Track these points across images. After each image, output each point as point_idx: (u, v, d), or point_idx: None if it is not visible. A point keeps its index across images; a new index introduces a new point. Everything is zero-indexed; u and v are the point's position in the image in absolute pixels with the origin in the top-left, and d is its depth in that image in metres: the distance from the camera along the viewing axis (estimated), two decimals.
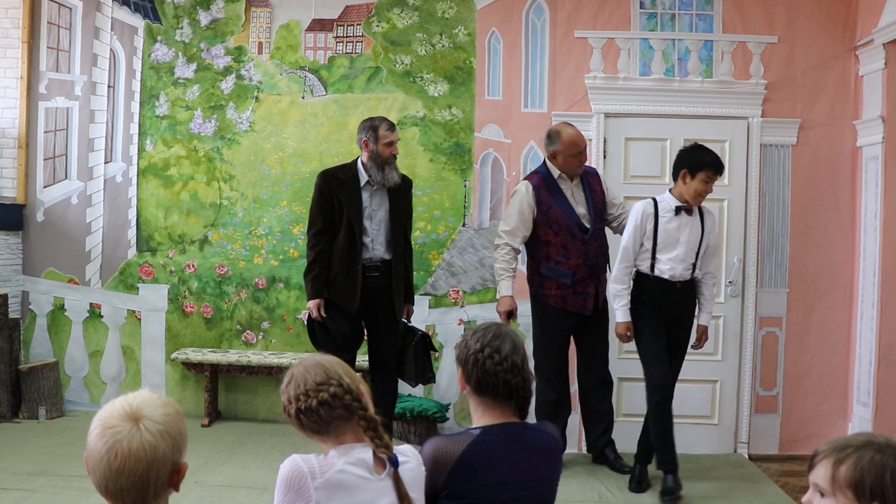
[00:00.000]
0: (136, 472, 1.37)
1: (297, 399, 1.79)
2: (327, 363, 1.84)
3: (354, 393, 1.80)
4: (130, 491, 1.38)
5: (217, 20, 5.17)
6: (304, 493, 1.70)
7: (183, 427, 1.47)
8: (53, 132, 5.22)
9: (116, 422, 1.40)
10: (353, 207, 4.06)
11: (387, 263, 4.13)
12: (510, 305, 4.15)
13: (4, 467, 4.03)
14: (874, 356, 4.59)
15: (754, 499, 3.92)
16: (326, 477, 1.71)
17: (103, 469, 1.38)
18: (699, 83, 4.93)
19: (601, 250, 4.20)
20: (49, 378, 5.03)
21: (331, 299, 4.08)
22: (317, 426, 1.79)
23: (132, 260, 5.21)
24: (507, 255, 4.17)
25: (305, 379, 1.80)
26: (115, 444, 1.37)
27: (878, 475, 1.38)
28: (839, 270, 4.89)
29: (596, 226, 4.17)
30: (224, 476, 4.01)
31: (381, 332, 4.19)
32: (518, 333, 2.03)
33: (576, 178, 4.19)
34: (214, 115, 5.17)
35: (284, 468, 1.74)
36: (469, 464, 1.89)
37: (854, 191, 4.87)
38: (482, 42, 5.05)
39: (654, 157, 4.85)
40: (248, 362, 4.90)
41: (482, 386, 1.95)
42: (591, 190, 4.20)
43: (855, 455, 1.41)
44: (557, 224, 4.11)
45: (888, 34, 4.47)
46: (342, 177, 4.11)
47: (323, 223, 4.09)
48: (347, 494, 1.72)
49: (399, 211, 4.16)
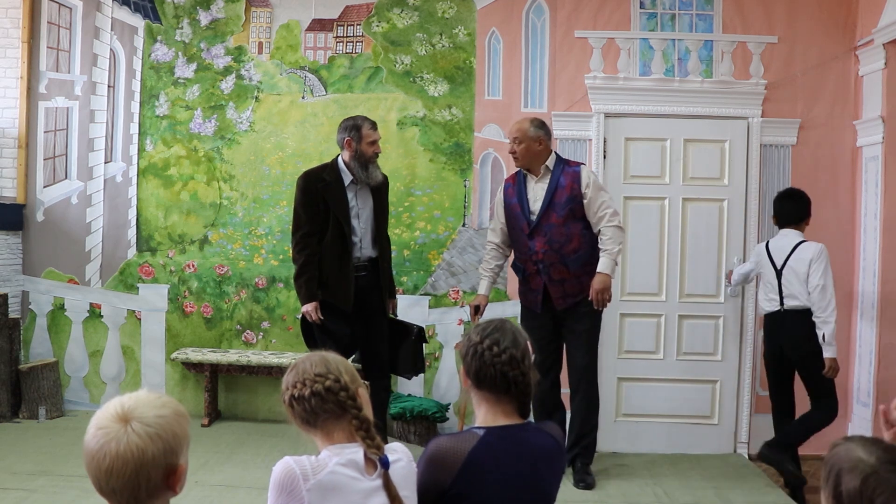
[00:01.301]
0: (125, 474, 1.38)
1: (294, 386, 1.82)
2: (331, 359, 1.86)
3: (350, 391, 1.81)
4: (123, 491, 1.39)
5: (217, 20, 5.17)
6: (296, 494, 1.70)
7: (179, 429, 1.45)
8: (53, 132, 5.22)
9: (107, 422, 1.41)
10: (341, 207, 4.05)
11: (373, 261, 4.15)
12: (478, 301, 4.21)
13: (4, 467, 4.02)
14: (874, 356, 4.59)
15: (754, 499, 3.92)
16: (318, 478, 1.72)
17: (94, 469, 1.40)
18: (699, 83, 4.93)
19: (553, 246, 3.99)
20: (49, 378, 5.03)
21: (325, 301, 4.06)
22: (306, 416, 1.81)
23: (132, 260, 5.21)
24: (489, 253, 4.24)
25: (305, 368, 1.83)
26: (104, 445, 1.38)
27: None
28: (839, 270, 4.87)
29: (551, 221, 4.00)
30: (224, 476, 4.00)
31: (373, 328, 4.19)
32: (522, 330, 2.03)
33: (544, 174, 4.07)
34: (214, 115, 5.17)
35: (277, 470, 1.75)
36: (477, 464, 1.89)
37: (854, 191, 4.87)
38: (482, 42, 5.05)
39: (654, 158, 4.85)
40: (248, 362, 4.90)
41: (480, 378, 1.96)
42: (559, 186, 4.02)
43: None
44: (512, 220, 4.13)
45: (888, 34, 4.47)
46: (327, 177, 4.08)
47: (310, 225, 4.05)
48: (339, 496, 1.72)
49: (382, 208, 4.20)
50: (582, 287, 4.01)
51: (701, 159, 4.84)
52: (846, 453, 1.43)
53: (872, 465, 1.39)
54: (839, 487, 1.40)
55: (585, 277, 4.01)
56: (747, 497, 3.93)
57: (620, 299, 4.86)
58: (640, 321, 4.86)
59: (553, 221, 4.00)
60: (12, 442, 4.48)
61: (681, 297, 4.83)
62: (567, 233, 3.99)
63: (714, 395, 4.83)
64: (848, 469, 1.40)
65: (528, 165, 4.08)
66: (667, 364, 4.83)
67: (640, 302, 4.86)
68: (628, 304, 4.87)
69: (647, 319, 4.86)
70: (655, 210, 4.84)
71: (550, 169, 4.06)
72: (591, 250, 4.04)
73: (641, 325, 4.86)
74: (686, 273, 4.83)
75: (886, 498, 1.37)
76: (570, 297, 4.03)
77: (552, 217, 4.00)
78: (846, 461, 1.41)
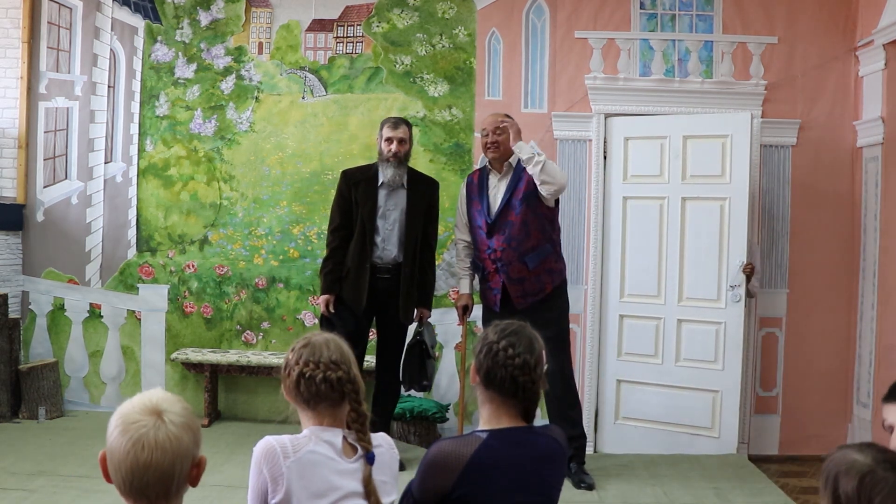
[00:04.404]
0: (163, 465, 1.39)
1: (307, 364, 1.85)
2: (345, 348, 1.90)
3: (356, 383, 1.86)
4: (156, 485, 1.40)
5: (217, 20, 5.17)
6: (276, 470, 1.78)
7: (198, 422, 1.51)
8: (53, 132, 5.22)
9: (139, 416, 1.41)
10: (367, 206, 4.10)
11: (399, 265, 4.13)
12: (464, 301, 4.21)
13: (4, 467, 4.02)
14: (874, 357, 4.59)
15: (754, 499, 3.91)
16: (298, 456, 1.79)
17: (130, 464, 1.39)
18: (699, 84, 4.93)
19: (511, 244, 3.96)
20: (49, 378, 5.03)
21: (341, 296, 4.11)
22: (308, 396, 1.85)
23: (132, 260, 5.21)
24: (462, 251, 4.24)
25: (321, 352, 1.86)
26: (141, 437, 1.39)
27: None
28: (839, 271, 4.89)
29: (509, 219, 3.97)
30: (224, 476, 4.00)
31: (387, 333, 4.22)
32: (539, 338, 2.02)
33: (507, 172, 4.05)
34: (214, 116, 5.17)
35: (258, 448, 1.83)
36: (479, 467, 1.88)
37: (854, 191, 4.86)
38: (482, 42, 5.05)
39: (654, 158, 4.80)
40: (247, 362, 4.90)
41: (490, 377, 1.95)
42: (519, 182, 3.98)
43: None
44: (472, 217, 4.13)
45: (888, 35, 4.47)
46: (360, 176, 4.17)
47: (340, 221, 4.16)
48: (317, 474, 1.79)
49: (415, 212, 4.15)
50: (542, 286, 4.00)
51: (701, 156, 4.66)
52: (841, 458, 1.44)
53: (868, 465, 1.41)
54: (837, 491, 1.41)
55: (545, 276, 4.00)
56: (747, 497, 3.93)
57: (620, 300, 4.85)
58: (639, 323, 4.81)
59: (511, 219, 3.98)
60: (12, 442, 4.48)
61: (680, 301, 4.71)
62: (525, 231, 3.97)
63: (714, 405, 4.62)
64: (844, 471, 1.41)
65: (502, 159, 4.06)
66: (666, 369, 4.73)
67: (639, 304, 4.81)
68: (627, 305, 4.85)
69: (645, 322, 4.79)
70: (655, 210, 4.78)
71: (513, 167, 4.05)
72: (550, 248, 4.02)
73: (640, 328, 4.80)
74: (685, 276, 4.70)
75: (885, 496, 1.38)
76: (531, 297, 4.00)
77: (511, 215, 3.99)
78: (842, 464, 1.43)
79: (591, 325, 4.91)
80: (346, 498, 1.80)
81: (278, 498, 1.78)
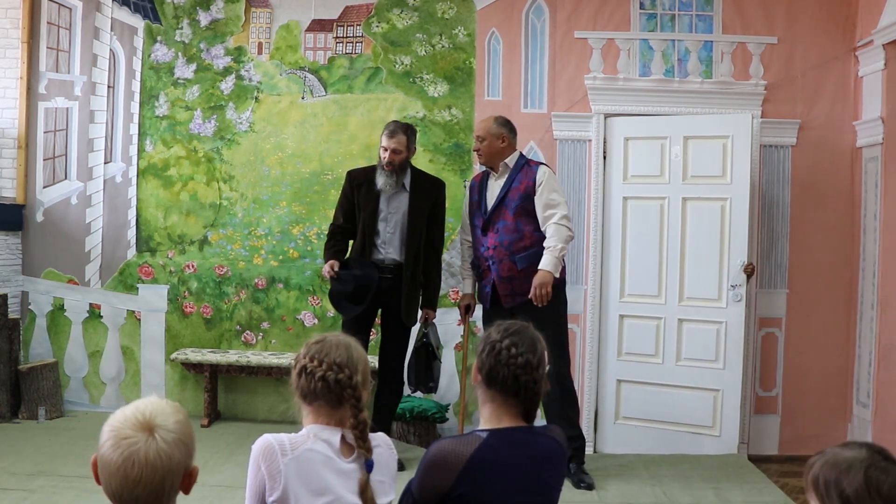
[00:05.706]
0: (153, 482, 1.38)
1: (311, 360, 1.88)
2: (356, 353, 1.92)
3: (357, 390, 1.87)
4: (146, 499, 1.40)
5: (217, 20, 5.17)
6: (274, 467, 1.81)
7: (192, 432, 1.49)
8: (53, 132, 5.22)
9: (130, 432, 1.40)
10: (367, 209, 4.14)
11: (401, 266, 4.15)
12: (466, 301, 4.28)
13: (4, 467, 4.02)
14: (874, 357, 4.59)
15: (754, 499, 3.91)
16: (295, 454, 1.82)
17: (119, 479, 1.38)
18: (699, 84, 4.93)
19: (503, 243, 4.01)
20: (49, 378, 5.03)
21: (346, 262, 4.13)
22: (306, 391, 1.89)
23: (132, 260, 5.21)
24: (466, 251, 4.30)
25: (330, 351, 1.89)
26: (131, 455, 1.38)
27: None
28: (839, 270, 4.89)
29: (503, 217, 4.02)
30: (224, 476, 4.00)
31: (389, 332, 4.23)
32: (542, 339, 2.02)
33: (503, 172, 4.11)
34: (214, 116, 5.17)
35: (256, 445, 1.86)
36: (479, 467, 1.88)
37: (854, 191, 4.86)
38: (482, 42, 5.05)
39: (654, 158, 4.80)
40: (247, 363, 4.89)
41: (492, 376, 1.95)
42: (514, 183, 4.04)
43: None
44: (471, 215, 4.21)
45: (888, 35, 4.47)
46: (363, 178, 4.20)
47: (342, 220, 4.23)
48: (314, 472, 1.81)
49: (418, 215, 4.16)
50: (532, 287, 4.01)
51: (701, 156, 4.67)
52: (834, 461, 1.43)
53: (867, 458, 1.41)
54: (844, 493, 1.39)
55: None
56: (747, 497, 3.93)
57: (620, 300, 4.85)
58: (639, 323, 4.81)
59: (505, 218, 4.04)
60: (12, 442, 4.48)
61: (680, 301, 4.72)
62: (518, 230, 4.01)
63: (716, 404, 4.63)
64: (845, 472, 1.40)
65: (490, 163, 4.12)
66: (666, 369, 4.73)
67: (639, 304, 4.82)
68: (627, 305, 4.85)
69: (645, 322, 4.80)
70: (655, 210, 4.78)
71: (510, 167, 4.09)
72: (542, 251, 4.02)
73: (640, 328, 4.81)
74: (686, 276, 4.71)
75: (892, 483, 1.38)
76: (519, 296, 4.01)
77: (504, 214, 4.04)
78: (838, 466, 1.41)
79: (591, 325, 4.91)
80: (342, 502, 1.81)
81: (276, 495, 1.80)
